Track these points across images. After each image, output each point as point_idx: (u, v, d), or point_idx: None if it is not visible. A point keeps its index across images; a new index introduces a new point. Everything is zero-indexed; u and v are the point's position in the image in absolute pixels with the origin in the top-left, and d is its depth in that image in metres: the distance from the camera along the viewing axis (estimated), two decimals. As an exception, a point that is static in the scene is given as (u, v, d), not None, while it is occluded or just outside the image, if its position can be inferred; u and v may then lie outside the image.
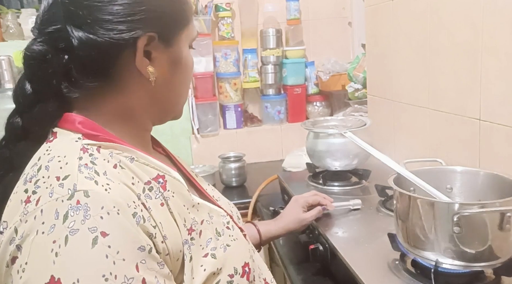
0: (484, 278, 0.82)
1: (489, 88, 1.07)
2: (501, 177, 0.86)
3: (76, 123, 0.54)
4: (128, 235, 0.45)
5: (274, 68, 2.10)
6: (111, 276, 0.42)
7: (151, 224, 0.49)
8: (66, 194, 0.45)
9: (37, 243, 0.43)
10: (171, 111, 0.65)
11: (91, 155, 0.51)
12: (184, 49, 0.60)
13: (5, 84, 1.56)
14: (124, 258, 0.44)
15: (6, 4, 1.87)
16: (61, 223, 0.43)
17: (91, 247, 0.43)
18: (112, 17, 0.52)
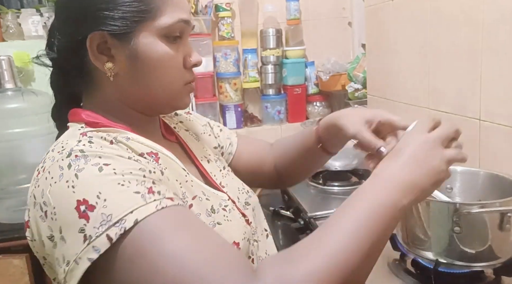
0: (484, 278, 0.82)
1: (489, 88, 1.07)
2: (501, 177, 0.86)
3: (81, 115, 0.62)
4: (127, 163, 0.52)
5: (274, 68, 2.10)
6: (125, 182, 0.49)
7: (147, 166, 0.54)
8: (65, 155, 0.52)
9: (53, 191, 0.50)
10: (154, 103, 0.65)
11: (89, 137, 0.56)
12: (147, 43, 0.60)
13: (5, 84, 1.56)
14: (131, 172, 0.51)
15: (6, 4, 1.87)
16: (67, 170, 0.50)
17: (99, 172, 0.50)
18: (65, 21, 0.61)
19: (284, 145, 0.90)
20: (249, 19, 2.09)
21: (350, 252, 0.47)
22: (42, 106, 1.61)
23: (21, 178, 1.57)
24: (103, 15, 0.58)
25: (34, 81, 1.84)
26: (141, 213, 0.47)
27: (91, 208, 0.47)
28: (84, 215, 0.47)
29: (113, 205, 0.47)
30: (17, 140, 1.55)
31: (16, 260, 1.47)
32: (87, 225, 0.47)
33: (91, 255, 0.46)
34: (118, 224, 0.46)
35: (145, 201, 0.48)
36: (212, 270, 0.46)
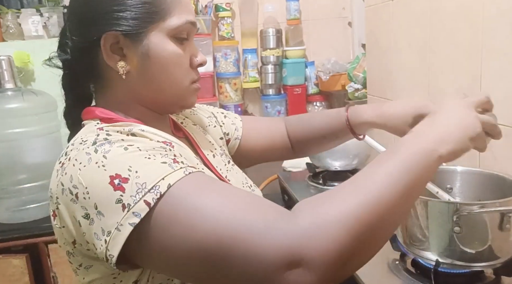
0: (484, 278, 0.82)
1: (489, 88, 1.07)
2: (501, 177, 0.86)
3: (95, 112, 0.65)
4: (149, 143, 0.57)
5: (274, 68, 2.10)
6: (152, 156, 0.53)
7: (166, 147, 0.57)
8: (90, 143, 0.55)
9: (84, 173, 0.53)
10: (164, 101, 0.68)
11: (106, 132, 0.59)
12: (157, 42, 0.63)
13: (5, 84, 1.56)
14: (154, 148, 0.55)
15: (6, 4, 1.87)
16: (94, 154, 0.53)
17: (124, 151, 0.53)
18: (79, 22, 0.64)
19: (304, 123, 0.92)
20: (249, 19, 2.09)
21: (383, 198, 0.48)
22: (42, 106, 1.61)
23: (21, 178, 1.57)
24: (116, 16, 0.61)
25: (34, 81, 1.84)
26: (172, 178, 0.51)
27: (125, 180, 0.50)
28: (119, 187, 0.50)
29: (145, 175, 0.51)
30: (17, 141, 1.55)
31: (16, 260, 1.47)
32: (124, 195, 0.50)
33: (132, 220, 0.49)
34: (153, 189, 0.49)
35: (173, 169, 0.52)
36: (249, 216, 0.48)
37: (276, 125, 0.93)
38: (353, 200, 0.48)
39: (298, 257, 0.45)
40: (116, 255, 0.50)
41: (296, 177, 1.62)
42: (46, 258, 1.51)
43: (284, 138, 0.93)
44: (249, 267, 0.46)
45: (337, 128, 0.85)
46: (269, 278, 0.45)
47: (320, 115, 0.93)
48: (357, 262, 0.48)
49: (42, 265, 1.51)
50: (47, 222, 1.53)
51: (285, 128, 0.93)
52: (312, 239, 0.45)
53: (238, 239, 0.47)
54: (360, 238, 0.46)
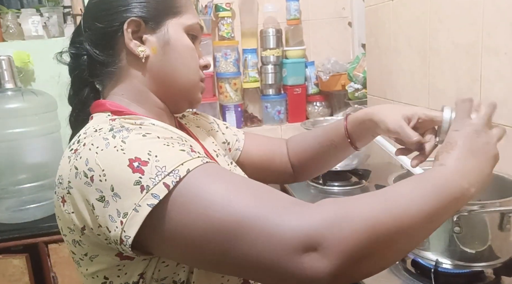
0: (484, 278, 0.82)
1: (489, 88, 1.07)
2: (501, 177, 0.86)
3: (106, 105, 0.66)
4: (166, 131, 0.58)
5: (274, 68, 2.10)
6: (170, 144, 0.54)
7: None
8: (107, 129, 0.56)
9: (101, 156, 0.53)
10: (177, 94, 0.71)
11: (120, 123, 0.60)
12: (175, 33, 0.68)
13: (5, 84, 1.55)
14: (172, 137, 0.56)
15: (6, 4, 1.87)
16: (112, 139, 0.54)
17: (143, 137, 0.54)
18: (104, 11, 0.67)
19: (305, 139, 0.92)
20: (249, 19, 2.09)
21: (408, 213, 0.49)
22: (42, 106, 1.61)
23: (21, 178, 1.57)
24: (139, 5, 0.66)
25: (34, 81, 1.84)
26: (191, 164, 0.52)
27: (144, 163, 0.51)
28: (138, 170, 0.51)
29: (165, 159, 0.51)
30: (17, 141, 1.55)
31: (16, 260, 1.47)
32: (143, 177, 0.50)
33: (151, 201, 0.49)
34: (173, 173, 0.50)
35: (191, 156, 0.53)
36: (269, 201, 0.50)
37: (277, 145, 0.92)
38: (379, 205, 0.49)
39: (317, 242, 0.45)
40: (132, 236, 0.50)
41: (296, 177, 1.62)
42: (46, 258, 1.50)
43: (283, 159, 0.91)
44: (266, 249, 0.47)
45: (335, 135, 0.85)
46: (286, 259, 0.46)
47: (320, 127, 0.93)
48: (369, 265, 0.48)
49: (42, 265, 1.51)
50: (47, 222, 1.53)
51: (286, 150, 0.92)
52: (333, 227, 0.46)
53: (258, 220, 0.47)
54: (377, 241, 0.47)
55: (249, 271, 0.51)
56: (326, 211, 0.48)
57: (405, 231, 0.49)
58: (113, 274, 0.58)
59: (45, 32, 1.89)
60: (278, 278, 0.48)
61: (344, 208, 0.48)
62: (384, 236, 0.47)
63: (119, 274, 0.58)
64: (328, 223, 0.46)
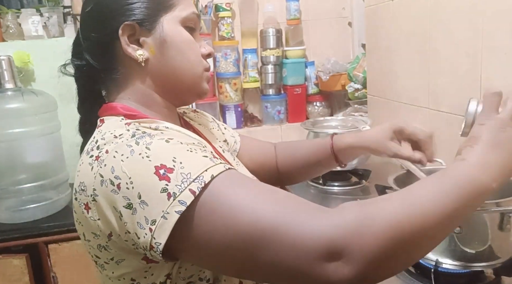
0: (484, 278, 0.82)
1: (489, 88, 1.07)
2: (501, 177, 0.86)
3: (118, 108, 0.66)
4: (186, 137, 0.59)
5: (274, 68, 2.10)
6: (193, 150, 0.55)
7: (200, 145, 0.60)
8: (129, 136, 0.57)
9: (128, 164, 0.53)
10: (182, 89, 0.71)
11: (136, 127, 0.61)
12: (170, 29, 0.67)
13: (5, 84, 1.55)
14: (194, 143, 0.57)
15: (6, 4, 1.87)
16: (136, 146, 0.54)
17: (167, 143, 0.55)
18: (96, 19, 0.67)
19: (293, 150, 0.96)
20: (249, 19, 2.09)
21: (428, 213, 0.49)
22: (42, 106, 1.61)
23: (21, 178, 1.57)
24: (130, 8, 0.66)
25: (34, 81, 1.84)
26: (215, 170, 0.52)
27: (170, 171, 0.51)
28: (164, 177, 0.51)
29: (190, 166, 0.52)
30: (17, 141, 1.55)
31: (16, 260, 1.47)
32: (169, 184, 0.51)
33: (178, 208, 0.50)
34: (198, 179, 0.51)
35: (214, 162, 0.54)
36: (293, 207, 0.50)
37: (268, 149, 0.96)
38: (400, 207, 0.49)
39: (340, 249, 0.46)
40: (163, 243, 0.50)
41: (296, 177, 1.62)
42: (46, 258, 1.50)
43: (272, 164, 0.95)
44: (290, 256, 0.47)
45: (322, 154, 0.90)
46: (309, 266, 0.46)
47: (307, 142, 0.98)
48: (393, 266, 0.49)
49: (42, 265, 1.51)
50: (47, 222, 1.53)
51: (275, 155, 0.95)
52: (355, 233, 0.46)
53: (282, 227, 0.48)
54: (400, 245, 0.47)
55: (273, 278, 0.51)
56: (348, 217, 0.48)
57: (427, 232, 0.49)
58: (140, 276, 0.59)
59: (45, 32, 1.89)
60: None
61: (365, 213, 0.48)
62: (406, 239, 0.47)
63: (145, 275, 0.59)
64: (350, 229, 0.46)
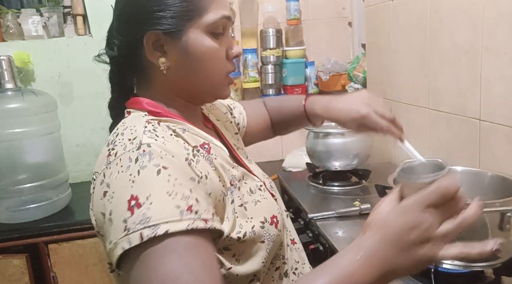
0: (484, 278, 0.82)
1: (489, 88, 1.07)
2: (501, 177, 0.86)
3: (144, 104, 0.69)
4: (182, 170, 0.59)
5: (274, 68, 2.10)
6: (173, 193, 0.55)
7: (198, 169, 0.61)
8: (135, 147, 0.59)
9: (119, 178, 0.57)
10: (202, 93, 0.73)
11: (153, 126, 0.64)
12: (196, 39, 0.67)
13: (5, 84, 1.55)
14: (181, 183, 0.57)
15: (6, 4, 1.87)
16: (134, 163, 0.57)
17: (156, 175, 0.56)
18: (124, 23, 0.69)
19: (280, 105, 1.03)
20: (249, 19, 2.09)
21: None
22: (42, 106, 1.61)
23: (21, 178, 1.57)
24: (156, 16, 0.65)
25: (34, 81, 1.84)
26: (173, 226, 0.53)
27: (138, 205, 0.54)
28: (131, 209, 0.54)
29: (155, 210, 0.53)
30: (17, 141, 1.55)
31: (16, 260, 1.47)
32: (130, 218, 0.53)
33: (125, 244, 0.53)
34: (153, 227, 0.52)
35: (181, 217, 0.54)
36: None
37: (262, 109, 1.03)
38: None
39: None
40: (114, 263, 0.55)
41: (296, 177, 1.62)
42: (46, 258, 1.51)
43: (267, 120, 1.02)
44: None
45: (299, 115, 0.97)
46: None
47: (290, 101, 1.03)
48: None
49: (42, 265, 1.51)
50: (47, 222, 1.53)
51: (266, 111, 1.02)
52: None
53: None
54: None
55: None
56: None
57: None
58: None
59: (45, 32, 1.89)
60: None
61: None
62: None
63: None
64: None
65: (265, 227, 0.69)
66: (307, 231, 1.15)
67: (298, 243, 0.84)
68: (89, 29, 1.91)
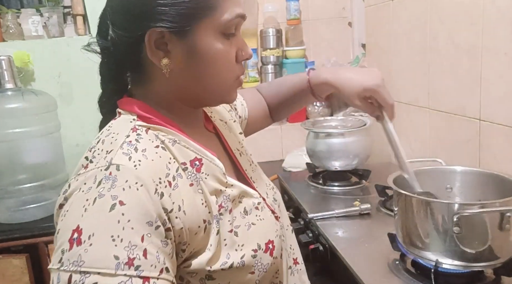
0: (484, 278, 0.82)
1: (489, 88, 1.07)
2: (501, 177, 0.86)
3: (135, 106, 0.62)
4: (141, 209, 0.52)
5: (274, 68, 2.10)
6: (118, 238, 0.49)
7: (171, 200, 0.55)
8: (104, 165, 0.54)
9: (76, 198, 0.53)
10: (206, 98, 0.66)
11: (138, 135, 0.58)
12: (205, 39, 0.60)
13: (5, 84, 1.55)
14: (133, 227, 0.50)
15: (6, 4, 1.87)
16: (95, 187, 0.52)
17: (108, 210, 0.50)
18: (124, 15, 0.59)
19: (277, 88, 0.98)
20: (249, 19, 2.09)
21: None
22: (42, 106, 1.61)
23: (21, 178, 1.57)
24: (162, 11, 0.57)
25: (34, 81, 1.84)
26: (103, 280, 0.48)
27: (78, 242, 0.49)
28: (71, 242, 0.50)
29: (91, 255, 0.49)
30: (17, 141, 1.55)
31: (16, 260, 1.47)
32: (67, 253, 0.49)
33: (55, 277, 0.49)
34: (83, 275, 0.48)
35: (115, 271, 0.49)
36: None
37: (258, 97, 0.98)
38: None
39: None
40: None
41: (296, 177, 1.62)
42: (46, 258, 1.50)
43: (265, 107, 0.98)
44: None
45: (301, 90, 0.91)
46: None
47: (288, 79, 0.97)
48: None
49: (42, 265, 1.51)
50: (47, 222, 1.53)
51: (263, 98, 0.97)
52: None
53: None
54: None
55: None
56: None
57: None
58: None
59: (45, 32, 1.89)
60: None
61: None
62: None
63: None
64: None
65: (258, 255, 0.62)
66: (307, 231, 1.15)
67: (301, 263, 0.78)
68: (89, 29, 1.91)
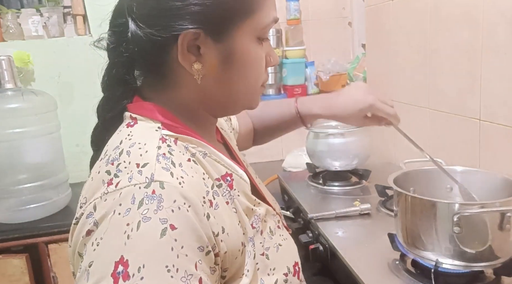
0: (484, 278, 0.82)
1: (489, 88, 1.07)
2: (501, 177, 0.86)
3: (156, 113, 0.56)
4: (194, 233, 0.46)
5: (274, 68, 2.10)
6: (173, 268, 0.44)
7: (216, 222, 0.50)
8: (144, 181, 0.47)
9: (113, 222, 0.45)
10: (233, 105, 0.62)
11: (168, 146, 0.52)
12: (243, 43, 0.56)
13: (5, 84, 1.55)
14: (187, 254, 0.45)
15: (6, 4, 1.87)
16: (136, 208, 0.45)
17: (159, 237, 0.44)
18: (155, 12, 0.53)
19: (263, 113, 0.99)
20: (249, 19, 2.09)
21: None
22: (42, 106, 1.61)
23: (21, 178, 1.57)
24: (200, 11, 0.52)
25: (34, 81, 1.84)
26: None
27: (125, 277, 0.42)
28: (115, 277, 0.43)
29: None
30: (17, 140, 1.55)
31: (16, 260, 1.47)
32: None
33: None
34: None
35: None
36: None
37: (244, 115, 0.98)
38: None
39: None
40: None
41: (296, 177, 1.62)
42: (46, 258, 1.50)
43: (249, 128, 0.98)
44: None
45: (289, 119, 0.93)
46: None
47: (274, 107, 0.98)
48: None
49: (42, 265, 1.51)
50: (47, 222, 1.53)
51: (250, 119, 0.98)
52: None
53: None
54: None
55: None
56: None
57: None
58: None
59: (45, 32, 1.89)
60: None
61: None
62: None
63: None
64: None
65: (288, 280, 0.58)
66: (307, 231, 1.15)
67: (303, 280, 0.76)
68: (89, 29, 1.91)
